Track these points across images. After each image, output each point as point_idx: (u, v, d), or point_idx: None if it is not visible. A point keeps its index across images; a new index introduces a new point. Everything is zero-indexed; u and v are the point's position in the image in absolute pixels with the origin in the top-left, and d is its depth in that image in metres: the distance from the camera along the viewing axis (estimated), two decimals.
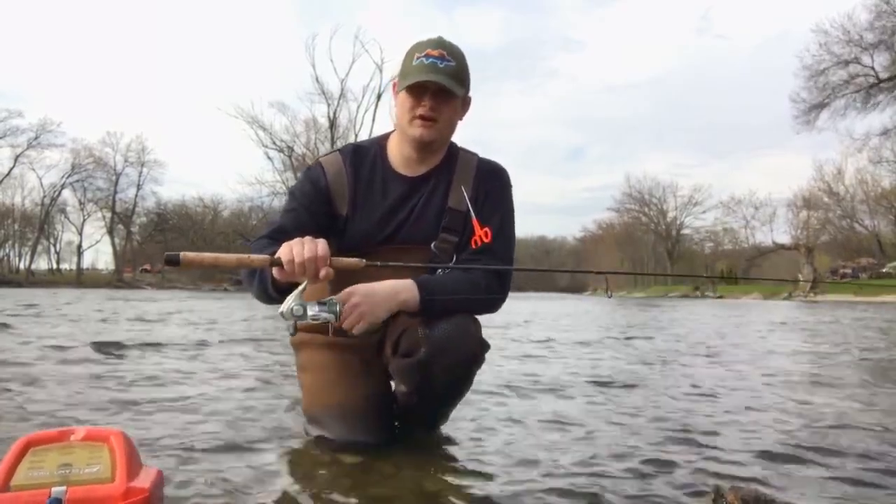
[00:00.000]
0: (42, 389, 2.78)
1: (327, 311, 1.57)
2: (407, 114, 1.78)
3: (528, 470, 1.71)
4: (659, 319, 10.94)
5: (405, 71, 1.77)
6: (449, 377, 1.71)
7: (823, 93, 35.74)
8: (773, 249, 51.81)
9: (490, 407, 2.57)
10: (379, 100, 41.14)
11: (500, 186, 1.92)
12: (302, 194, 1.86)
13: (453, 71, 1.75)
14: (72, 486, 1.07)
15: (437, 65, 1.73)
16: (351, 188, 1.85)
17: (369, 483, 1.57)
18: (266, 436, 2.04)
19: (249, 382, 3.12)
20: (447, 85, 1.72)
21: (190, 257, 1.45)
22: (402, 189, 1.86)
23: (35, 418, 2.20)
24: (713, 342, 6.20)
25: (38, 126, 47.67)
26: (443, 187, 1.87)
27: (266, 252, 1.56)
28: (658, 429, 2.24)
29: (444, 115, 1.79)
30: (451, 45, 1.80)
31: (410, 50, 1.80)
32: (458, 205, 1.86)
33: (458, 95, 1.78)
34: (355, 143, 1.98)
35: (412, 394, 1.77)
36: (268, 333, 6.17)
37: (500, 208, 1.90)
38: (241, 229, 52.26)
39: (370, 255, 1.71)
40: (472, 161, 1.92)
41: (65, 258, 61.88)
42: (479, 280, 1.77)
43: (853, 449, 1.97)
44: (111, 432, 1.21)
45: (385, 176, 1.87)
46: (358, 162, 1.88)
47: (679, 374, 3.76)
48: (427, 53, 1.75)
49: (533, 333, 6.95)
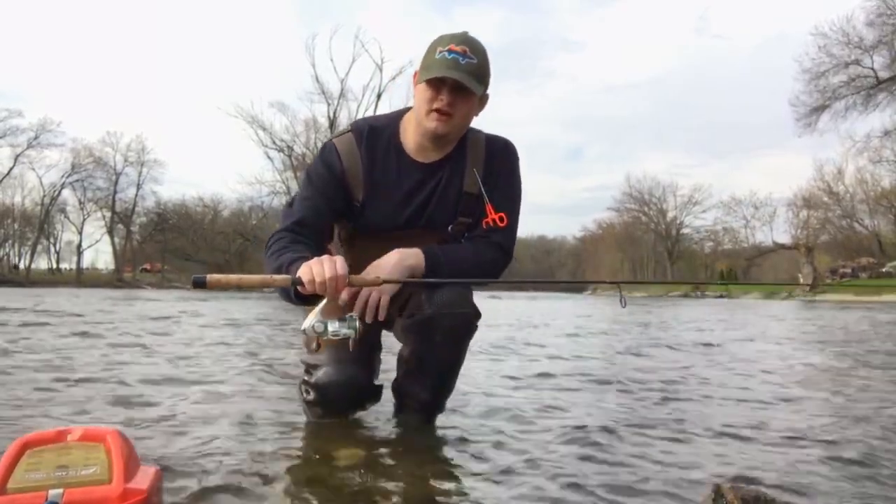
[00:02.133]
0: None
1: (347, 326, 1.63)
2: (424, 105, 1.81)
3: (529, 469, 1.71)
4: (663, 317, 10.94)
5: (427, 63, 1.80)
6: (448, 337, 1.85)
7: (824, 95, 35.74)
8: (773, 249, 51.82)
9: (491, 402, 2.56)
10: (379, 99, 41.16)
11: (508, 163, 2.00)
12: (318, 179, 1.90)
13: (474, 68, 1.78)
14: (68, 489, 1.06)
15: (459, 61, 1.76)
16: (366, 172, 1.89)
17: (368, 480, 1.56)
18: (265, 433, 2.03)
19: (252, 376, 3.11)
20: (465, 83, 1.75)
21: (216, 279, 1.53)
22: (418, 176, 1.91)
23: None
24: (715, 340, 6.20)
25: (38, 126, 47.72)
26: (458, 172, 1.93)
27: (286, 256, 1.70)
28: (659, 427, 2.24)
29: (461, 111, 1.82)
30: (475, 42, 1.82)
31: (434, 43, 1.82)
32: (471, 188, 1.93)
33: (475, 93, 1.81)
34: (370, 121, 1.98)
35: (411, 357, 1.92)
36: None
37: (511, 189, 2.00)
38: (241, 229, 52.26)
39: (389, 239, 1.87)
40: (480, 140, 1.97)
41: (64, 258, 61.98)
42: (485, 252, 1.91)
43: (854, 448, 1.97)
44: (107, 431, 1.20)
45: (399, 161, 1.91)
46: (372, 144, 1.90)
47: (679, 374, 3.75)
48: (450, 48, 1.77)
49: (548, 332, 6.94)
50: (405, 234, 1.91)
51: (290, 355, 4.23)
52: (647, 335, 6.97)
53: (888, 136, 36.75)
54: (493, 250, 1.93)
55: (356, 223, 1.95)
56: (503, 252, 1.95)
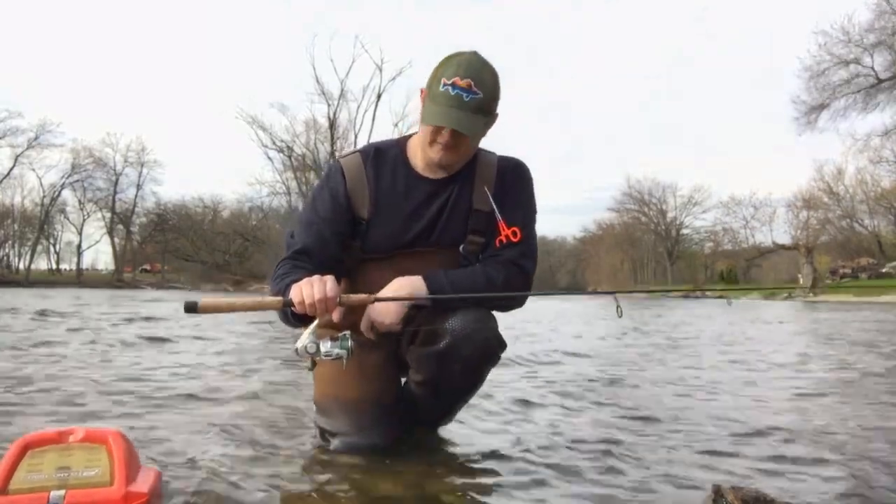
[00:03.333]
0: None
1: (339, 346, 1.61)
2: (428, 136, 1.75)
3: (528, 468, 1.71)
4: (668, 320, 10.94)
5: (432, 95, 1.72)
6: (465, 370, 1.74)
7: (824, 93, 35.66)
8: (773, 249, 51.77)
9: (493, 405, 2.57)
10: (379, 100, 41.13)
11: (521, 183, 1.92)
12: (321, 203, 1.85)
13: (478, 104, 1.69)
14: (70, 490, 1.06)
15: (463, 98, 1.67)
16: (372, 191, 1.84)
17: (370, 482, 1.57)
18: (267, 434, 2.04)
19: (251, 379, 3.11)
20: (466, 131, 1.69)
21: (207, 304, 1.53)
22: (426, 192, 1.84)
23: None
24: (721, 341, 6.20)
25: (38, 126, 47.65)
26: (467, 189, 1.86)
27: (285, 282, 1.66)
28: (659, 427, 2.24)
29: (464, 146, 1.77)
30: (482, 71, 1.71)
31: (441, 67, 1.73)
32: (482, 205, 1.85)
33: (478, 133, 1.76)
34: (376, 144, 1.94)
35: (426, 384, 1.80)
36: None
37: (524, 205, 1.90)
38: (240, 229, 52.28)
39: (397, 258, 1.80)
40: (492, 160, 1.91)
41: (64, 258, 61.95)
42: (495, 276, 1.77)
43: (854, 448, 1.97)
44: (109, 433, 1.20)
45: (407, 178, 1.85)
46: (379, 164, 1.86)
47: (679, 373, 3.76)
48: (455, 83, 1.67)
49: (558, 333, 6.95)
50: (413, 254, 1.83)
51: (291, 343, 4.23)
52: (646, 338, 6.98)
53: (888, 136, 36.74)
54: (505, 270, 1.79)
55: (363, 243, 1.86)
56: (518, 269, 1.81)
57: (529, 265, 1.84)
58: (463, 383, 1.82)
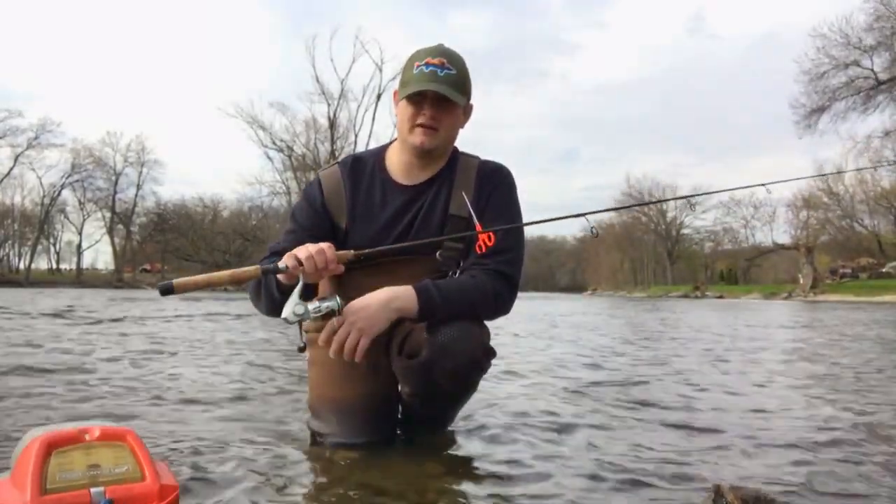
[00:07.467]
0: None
1: (328, 301, 1.57)
2: (407, 122, 1.78)
3: (528, 468, 1.73)
4: (668, 321, 10.94)
5: (405, 79, 1.78)
6: (450, 381, 1.69)
7: (823, 96, 35.63)
8: (773, 249, 51.76)
9: (494, 407, 2.59)
10: (379, 100, 41.16)
11: (501, 187, 1.89)
12: (300, 212, 1.90)
13: (453, 79, 1.76)
14: (108, 487, 1.09)
15: (438, 73, 1.73)
16: (349, 200, 1.87)
17: (369, 479, 1.58)
18: (265, 432, 2.06)
19: (249, 377, 3.14)
20: (447, 94, 1.72)
21: (182, 283, 1.48)
22: (403, 199, 1.85)
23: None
24: (721, 342, 6.21)
25: (38, 126, 47.65)
26: (444, 194, 1.86)
27: (265, 264, 1.60)
28: (659, 427, 2.26)
29: (445, 124, 1.79)
30: (452, 53, 1.81)
31: (411, 58, 1.81)
32: (459, 211, 1.84)
33: (458, 104, 1.79)
34: (355, 154, 1.99)
35: (414, 395, 1.79)
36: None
37: (504, 210, 1.86)
38: (240, 229, 52.27)
39: (373, 266, 1.77)
40: (472, 164, 1.91)
41: (64, 258, 61.97)
42: (485, 284, 1.74)
43: (854, 448, 1.99)
44: (126, 431, 1.22)
45: (384, 186, 1.87)
46: (356, 173, 1.89)
47: (678, 373, 3.78)
48: (427, 62, 1.75)
49: (561, 335, 6.96)
50: (391, 260, 1.79)
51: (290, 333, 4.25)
52: (645, 338, 7.00)
53: (888, 137, 36.68)
54: (492, 281, 1.75)
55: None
56: (505, 280, 1.77)
57: (515, 277, 1.81)
58: (449, 394, 1.78)
